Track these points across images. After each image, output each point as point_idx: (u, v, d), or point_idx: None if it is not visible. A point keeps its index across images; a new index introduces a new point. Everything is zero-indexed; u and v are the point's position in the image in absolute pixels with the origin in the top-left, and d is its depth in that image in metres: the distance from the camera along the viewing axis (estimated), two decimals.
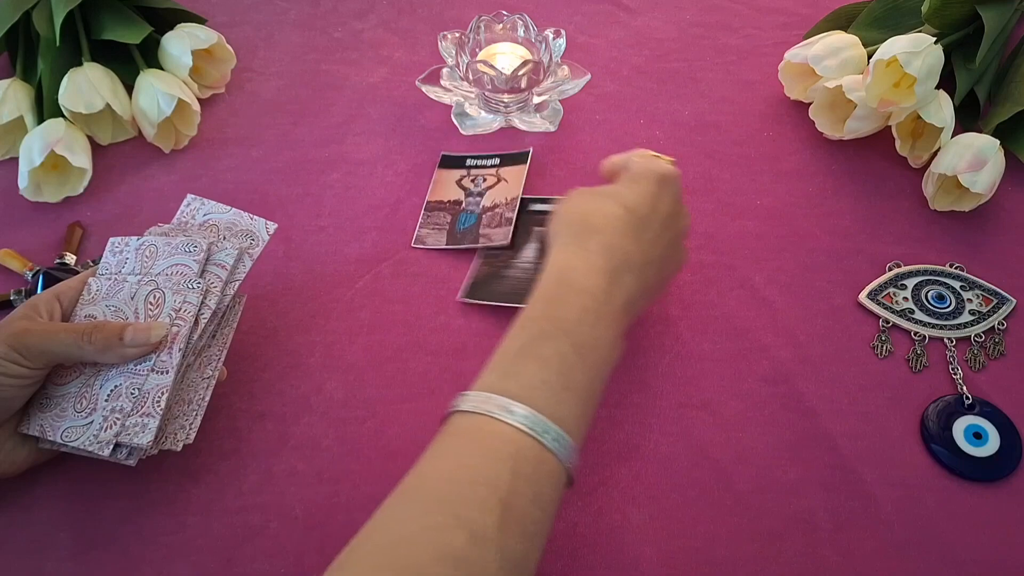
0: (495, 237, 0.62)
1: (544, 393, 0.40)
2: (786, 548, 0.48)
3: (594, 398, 0.43)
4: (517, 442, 0.38)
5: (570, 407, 0.40)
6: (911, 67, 0.60)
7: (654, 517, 0.49)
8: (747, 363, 0.56)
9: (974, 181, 0.59)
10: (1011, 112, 0.64)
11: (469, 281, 0.60)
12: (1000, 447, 0.51)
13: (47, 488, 0.50)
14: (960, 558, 0.48)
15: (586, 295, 0.44)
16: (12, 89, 0.67)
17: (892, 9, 0.71)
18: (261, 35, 0.80)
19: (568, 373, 0.41)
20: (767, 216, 0.64)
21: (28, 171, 0.63)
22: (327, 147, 0.70)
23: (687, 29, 0.80)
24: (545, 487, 0.38)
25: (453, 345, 0.57)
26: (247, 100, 0.74)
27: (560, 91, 0.70)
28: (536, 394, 0.39)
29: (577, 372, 0.41)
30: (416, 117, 0.72)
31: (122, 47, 0.70)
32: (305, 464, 0.52)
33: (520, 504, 0.37)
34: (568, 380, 0.41)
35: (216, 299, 0.50)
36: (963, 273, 0.60)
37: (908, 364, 0.56)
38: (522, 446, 0.38)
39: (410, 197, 0.66)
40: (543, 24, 0.69)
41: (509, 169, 0.67)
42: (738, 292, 0.60)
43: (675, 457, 0.52)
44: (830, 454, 0.52)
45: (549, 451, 0.38)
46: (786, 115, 0.72)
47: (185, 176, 0.68)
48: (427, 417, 0.53)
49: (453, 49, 0.68)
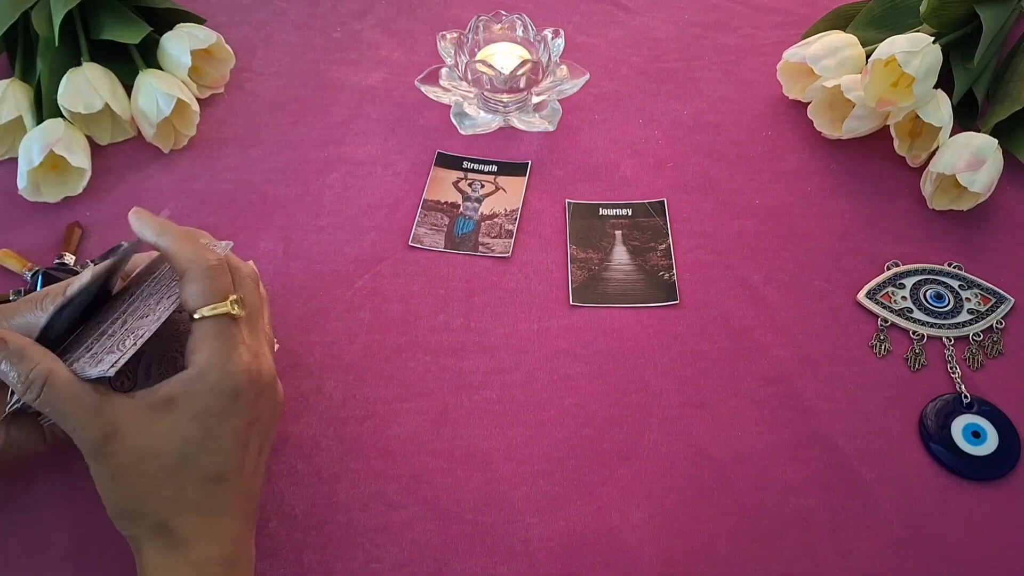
0: (496, 248, 0.62)
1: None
2: (785, 547, 0.48)
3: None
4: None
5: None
6: (909, 67, 0.60)
7: (654, 516, 0.50)
8: (746, 362, 0.56)
9: (972, 180, 0.59)
10: (1009, 111, 0.64)
11: (573, 287, 0.60)
12: (998, 446, 0.52)
13: (47, 488, 0.50)
14: (959, 557, 0.48)
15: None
16: (11, 89, 0.66)
17: (890, 9, 0.71)
18: (260, 35, 0.81)
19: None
20: (765, 215, 0.64)
21: (27, 171, 0.62)
22: (326, 147, 0.70)
23: (686, 29, 0.80)
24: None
25: (453, 345, 0.57)
26: (246, 100, 0.74)
27: (559, 91, 0.70)
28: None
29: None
30: (415, 117, 0.72)
31: (121, 47, 0.70)
32: (304, 463, 0.52)
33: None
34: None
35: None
36: (961, 272, 0.60)
37: (907, 363, 0.56)
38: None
39: (409, 197, 0.66)
40: (542, 24, 0.69)
41: (508, 179, 0.67)
42: (737, 291, 0.60)
43: (674, 456, 0.52)
44: (829, 453, 0.52)
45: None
46: (784, 115, 0.72)
47: (184, 176, 0.68)
48: (426, 417, 0.54)
49: (452, 49, 0.69)
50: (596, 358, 0.56)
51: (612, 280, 0.60)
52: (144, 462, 0.40)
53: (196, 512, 0.41)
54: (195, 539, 0.40)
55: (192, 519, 0.40)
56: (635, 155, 0.69)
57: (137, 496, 0.40)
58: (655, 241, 0.63)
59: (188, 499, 0.41)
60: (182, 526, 0.40)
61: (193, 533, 0.40)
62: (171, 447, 0.40)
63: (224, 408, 0.41)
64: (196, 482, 0.41)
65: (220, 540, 0.41)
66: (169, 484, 0.40)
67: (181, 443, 0.40)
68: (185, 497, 0.40)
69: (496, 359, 0.56)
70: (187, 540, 0.40)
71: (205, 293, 0.42)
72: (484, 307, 0.59)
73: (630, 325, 0.58)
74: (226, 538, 0.41)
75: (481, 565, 0.48)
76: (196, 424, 0.41)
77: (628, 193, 0.66)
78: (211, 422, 0.41)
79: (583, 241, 0.63)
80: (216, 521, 0.41)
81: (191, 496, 0.41)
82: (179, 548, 0.40)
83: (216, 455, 0.41)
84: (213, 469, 0.41)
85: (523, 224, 0.64)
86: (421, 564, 0.48)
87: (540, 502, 0.50)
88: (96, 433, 0.40)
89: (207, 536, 0.41)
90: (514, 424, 0.53)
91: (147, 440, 0.40)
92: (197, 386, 0.41)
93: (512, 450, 0.52)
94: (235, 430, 0.42)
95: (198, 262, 0.43)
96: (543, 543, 0.49)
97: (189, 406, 0.41)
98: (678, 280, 0.60)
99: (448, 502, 0.50)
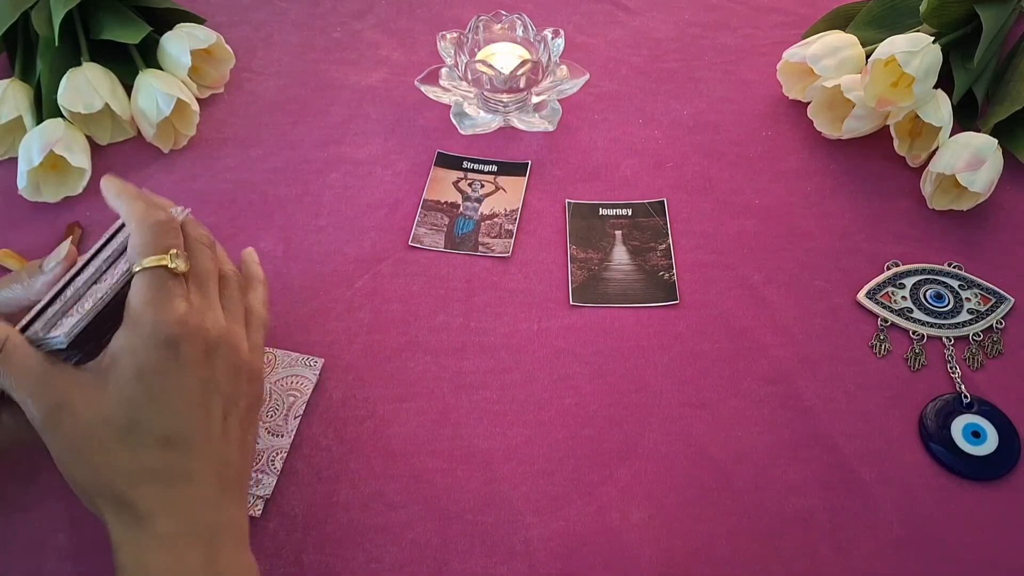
0: (496, 248, 0.62)
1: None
2: (785, 547, 0.48)
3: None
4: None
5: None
6: (909, 66, 0.60)
7: (653, 516, 0.50)
8: (746, 362, 0.56)
9: (972, 180, 0.59)
10: (1009, 111, 0.64)
11: (573, 287, 0.60)
12: (998, 446, 0.52)
13: (47, 488, 0.50)
14: (958, 557, 0.48)
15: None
16: (11, 89, 0.67)
17: (890, 9, 0.71)
18: (260, 35, 0.81)
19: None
20: (765, 215, 0.64)
21: (27, 171, 0.62)
22: (326, 147, 0.70)
23: (686, 29, 0.80)
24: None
25: (453, 345, 0.57)
26: (246, 100, 0.74)
27: (559, 91, 0.70)
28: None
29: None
30: (415, 117, 0.72)
31: (121, 47, 0.70)
32: (304, 463, 0.52)
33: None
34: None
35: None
36: (961, 272, 0.60)
37: (907, 363, 0.56)
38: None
39: (409, 197, 0.66)
40: (542, 24, 0.69)
41: (507, 179, 0.67)
42: (737, 291, 0.60)
43: (674, 456, 0.52)
44: (829, 453, 0.52)
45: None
46: (784, 114, 0.72)
47: (184, 176, 0.68)
48: (426, 417, 0.54)
49: (452, 49, 0.69)
50: (596, 358, 0.57)
51: (612, 280, 0.60)
52: (95, 430, 0.39)
53: (155, 481, 0.39)
54: (159, 511, 0.38)
55: (151, 488, 0.39)
56: (635, 155, 0.69)
57: (93, 468, 0.39)
58: (655, 241, 0.63)
59: (145, 468, 0.39)
60: (142, 497, 0.38)
61: (155, 504, 0.38)
62: (118, 410, 0.39)
63: (163, 363, 0.39)
64: (151, 448, 0.39)
65: (188, 511, 0.39)
66: (123, 452, 0.38)
67: (127, 405, 0.39)
68: (142, 466, 0.39)
69: (496, 359, 0.57)
70: (150, 513, 0.38)
71: (146, 247, 0.42)
72: (484, 307, 0.59)
73: (630, 325, 0.58)
74: (195, 509, 0.39)
75: (481, 565, 0.48)
76: (140, 384, 0.39)
77: (628, 193, 0.66)
78: (154, 379, 0.39)
79: (583, 241, 0.63)
80: (181, 490, 0.39)
81: (148, 464, 0.39)
82: (143, 521, 0.38)
83: (167, 416, 0.39)
84: (166, 431, 0.39)
85: (523, 224, 0.64)
86: (421, 564, 0.48)
87: (540, 502, 0.50)
88: (47, 404, 0.39)
89: (171, 506, 0.39)
90: (514, 424, 0.53)
91: (95, 408, 0.39)
92: (132, 339, 0.40)
93: (512, 450, 0.52)
94: (182, 388, 0.40)
95: (144, 218, 0.43)
96: (543, 543, 0.49)
97: (128, 362, 0.39)
98: (678, 280, 0.60)
99: (448, 502, 0.50)
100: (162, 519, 0.38)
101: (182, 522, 0.39)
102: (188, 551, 0.38)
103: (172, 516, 0.39)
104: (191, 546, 0.39)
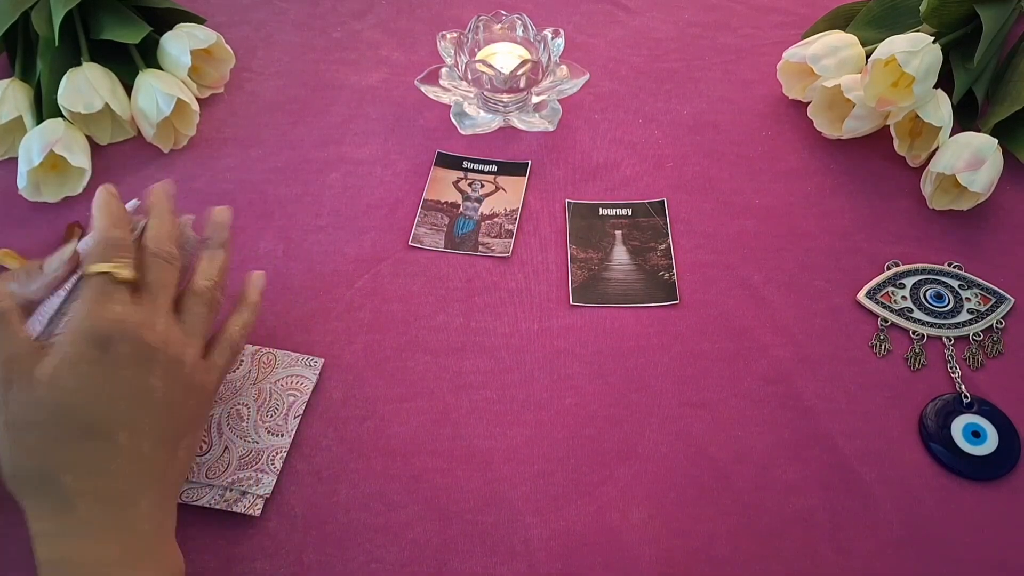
0: (496, 248, 0.62)
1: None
2: (785, 547, 0.48)
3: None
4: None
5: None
6: (909, 66, 0.60)
7: (653, 516, 0.50)
8: (746, 362, 0.56)
9: (972, 180, 0.59)
10: (1009, 111, 0.64)
11: (573, 287, 0.60)
12: (999, 446, 0.52)
13: None
14: (959, 556, 0.48)
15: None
16: (11, 89, 0.67)
17: (890, 8, 0.71)
18: (260, 35, 0.81)
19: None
20: (765, 215, 0.64)
21: (27, 171, 0.63)
22: (326, 147, 0.70)
23: (686, 29, 0.80)
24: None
25: (453, 345, 0.57)
26: (246, 100, 0.74)
27: (559, 91, 0.70)
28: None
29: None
30: (415, 117, 0.72)
31: (121, 47, 0.70)
32: (304, 463, 0.52)
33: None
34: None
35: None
36: (961, 272, 0.60)
37: (907, 363, 0.56)
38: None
39: (409, 197, 0.66)
40: (542, 24, 0.69)
41: (507, 179, 0.67)
42: (737, 291, 0.60)
43: (674, 456, 0.52)
44: (829, 453, 0.52)
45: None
46: (784, 114, 0.72)
47: (184, 176, 0.68)
48: (426, 417, 0.54)
49: (452, 49, 0.69)
50: (596, 358, 0.57)
51: (612, 280, 0.60)
52: (29, 410, 0.40)
53: (77, 468, 0.40)
54: (79, 499, 0.40)
55: (74, 475, 0.40)
56: (635, 155, 0.69)
57: (24, 448, 0.40)
58: (655, 241, 0.63)
59: (69, 453, 0.40)
60: (65, 483, 0.40)
61: (76, 492, 0.40)
62: (48, 393, 0.40)
63: (94, 355, 0.41)
64: (75, 434, 0.40)
65: (108, 502, 0.40)
66: (50, 435, 0.40)
67: (56, 390, 0.40)
68: (66, 451, 0.40)
69: (496, 359, 0.57)
70: (71, 500, 0.39)
71: (95, 255, 0.44)
72: (484, 307, 0.59)
73: (630, 325, 0.58)
74: (115, 501, 0.41)
75: (481, 565, 0.48)
76: (70, 372, 0.41)
77: (628, 193, 0.66)
78: (83, 369, 0.41)
79: (583, 241, 0.63)
80: (103, 481, 0.41)
81: (72, 450, 0.40)
82: (64, 508, 0.39)
83: (92, 406, 0.41)
84: (89, 420, 0.41)
85: (523, 224, 0.64)
86: (421, 564, 0.48)
87: (540, 502, 0.50)
88: (2, 375, 0.41)
89: (92, 496, 0.40)
90: (514, 424, 0.53)
91: (29, 390, 0.40)
92: (68, 334, 0.42)
93: (512, 450, 0.52)
94: (109, 382, 0.41)
95: (101, 230, 0.45)
96: (543, 543, 0.49)
97: (63, 351, 0.41)
98: (678, 280, 0.60)
99: (448, 502, 0.50)
100: (83, 507, 0.39)
101: (102, 512, 0.40)
102: (107, 542, 0.40)
103: (93, 506, 0.40)
104: (109, 538, 0.40)
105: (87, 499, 0.40)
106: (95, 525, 0.40)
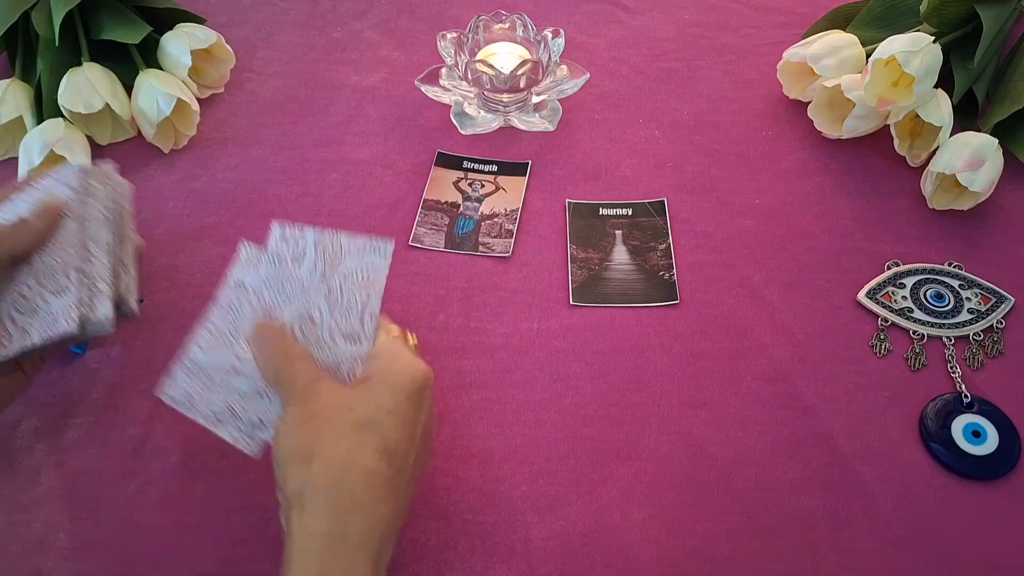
0: (496, 247, 0.62)
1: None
2: (785, 546, 0.48)
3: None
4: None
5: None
6: (910, 66, 0.60)
7: (654, 516, 0.50)
8: (746, 362, 0.56)
9: (972, 180, 0.59)
10: (1009, 111, 0.64)
11: (573, 287, 0.60)
12: (999, 446, 0.51)
13: (47, 488, 0.50)
14: (959, 556, 0.48)
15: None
16: (11, 89, 0.67)
17: (890, 8, 0.71)
18: (260, 35, 0.81)
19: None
20: (766, 215, 0.64)
21: (27, 171, 0.63)
22: (326, 147, 0.70)
23: (686, 28, 0.80)
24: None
25: (453, 345, 0.57)
26: (246, 100, 0.74)
27: (559, 91, 0.70)
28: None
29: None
30: (415, 117, 0.72)
31: (121, 47, 0.70)
32: None
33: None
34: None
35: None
36: (962, 272, 0.60)
37: (907, 363, 0.56)
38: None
39: (409, 197, 0.66)
40: (542, 24, 0.69)
41: (507, 179, 0.67)
42: (737, 291, 0.60)
43: (674, 456, 0.52)
44: (829, 453, 0.52)
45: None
46: (785, 114, 0.72)
47: (184, 176, 0.68)
48: None
49: (452, 49, 0.69)
50: (596, 358, 0.56)
51: (612, 280, 0.60)
52: (335, 413, 0.41)
53: (355, 479, 0.40)
54: (343, 512, 0.39)
55: (350, 484, 0.40)
56: (635, 155, 0.69)
57: (317, 436, 0.40)
58: (655, 241, 0.63)
59: (359, 460, 0.40)
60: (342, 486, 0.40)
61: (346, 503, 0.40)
62: (364, 405, 0.42)
63: (415, 398, 0.43)
64: (372, 447, 0.40)
65: (369, 525, 0.40)
66: (349, 437, 0.40)
67: (374, 406, 0.42)
68: (357, 457, 0.40)
69: (496, 359, 0.57)
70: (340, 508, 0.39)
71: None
72: (484, 307, 0.59)
73: (630, 325, 0.58)
74: (374, 524, 0.40)
75: (481, 565, 0.48)
76: (391, 396, 0.42)
77: (628, 193, 0.66)
78: (401, 401, 0.42)
79: (583, 241, 0.63)
80: (371, 503, 0.40)
81: (363, 458, 0.40)
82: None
83: (396, 430, 0.42)
84: (388, 443, 0.41)
85: (523, 224, 0.64)
86: (421, 564, 0.48)
87: (540, 502, 0.50)
88: (304, 379, 0.42)
89: (359, 514, 0.40)
90: (514, 424, 0.53)
91: (339, 397, 0.42)
92: (388, 375, 0.43)
93: (512, 450, 0.52)
94: (414, 423, 0.43)
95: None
96: (543, 543, 0.49)
97: (388, 381, 0.43)
98: (678, 280, 0.60)
99: (448, 502, 0.50)
100: (346, 522, 0.39)
101: (359, 533, 0.39)
102: (359, 560, 0.39)
103: (353, 524, 0.39)
104: (364, 556, 0.39)
105: (348, 515, 0.40)
106: (364, 569, 0.39)
